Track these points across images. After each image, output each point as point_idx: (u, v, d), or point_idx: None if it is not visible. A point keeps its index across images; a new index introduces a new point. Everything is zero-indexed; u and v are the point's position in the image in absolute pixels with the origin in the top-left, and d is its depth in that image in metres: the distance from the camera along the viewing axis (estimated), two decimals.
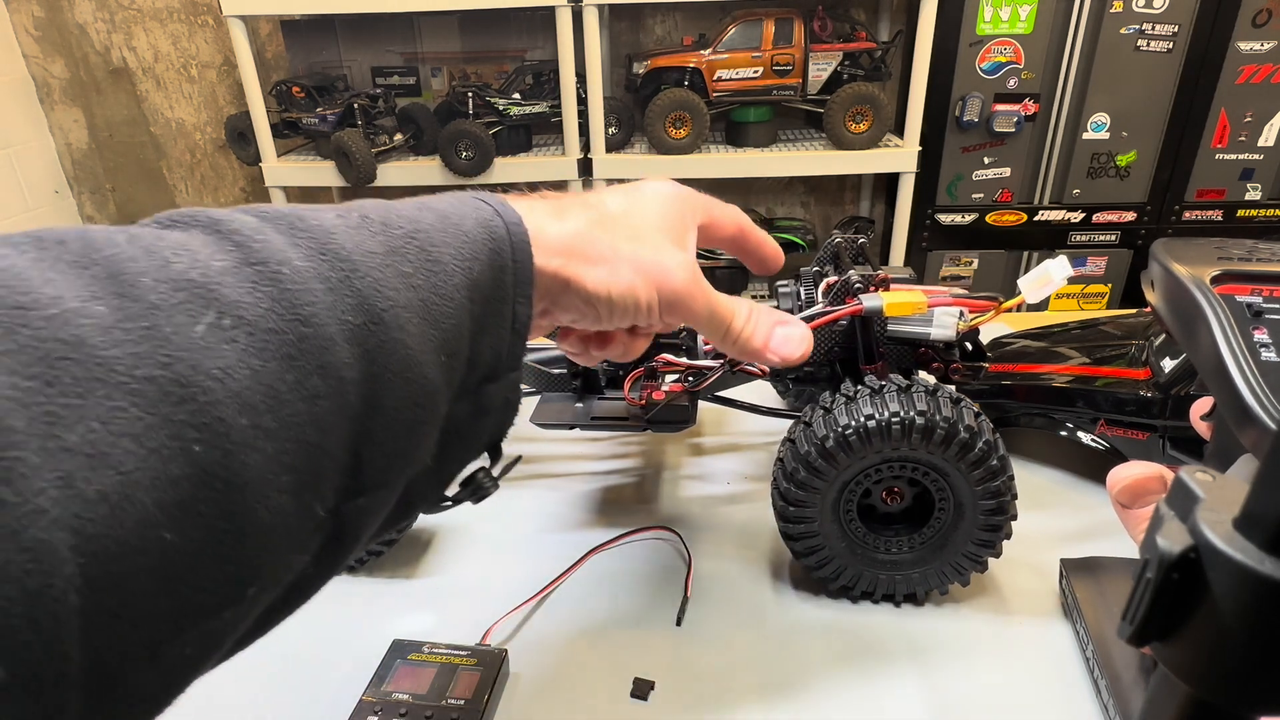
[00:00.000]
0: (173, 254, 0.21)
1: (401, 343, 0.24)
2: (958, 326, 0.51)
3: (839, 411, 0.46)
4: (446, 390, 0.27)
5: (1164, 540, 0.17)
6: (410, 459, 0.27)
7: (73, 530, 0.17)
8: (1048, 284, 0.49)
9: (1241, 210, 1.87)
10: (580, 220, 0.34)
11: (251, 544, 0.21)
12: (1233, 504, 0.16)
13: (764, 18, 1.76)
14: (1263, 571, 0.15)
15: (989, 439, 0.45)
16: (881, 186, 2.21)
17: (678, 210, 0.37)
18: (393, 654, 0.46)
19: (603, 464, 0.68)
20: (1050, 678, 0.46)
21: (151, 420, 0.18)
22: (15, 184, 2.22)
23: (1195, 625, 0.17)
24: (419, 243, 0.27)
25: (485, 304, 0.29)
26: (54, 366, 0.17)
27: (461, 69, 2.08)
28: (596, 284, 0.33)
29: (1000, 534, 0.48)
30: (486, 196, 0.31)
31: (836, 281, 0.52)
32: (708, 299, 0.36)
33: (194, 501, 0.19)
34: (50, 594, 0.16)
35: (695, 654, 0.49)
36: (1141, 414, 0.56)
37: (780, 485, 0.48)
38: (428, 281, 0.26)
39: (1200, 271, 0.38)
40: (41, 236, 0.20)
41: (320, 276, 0.23)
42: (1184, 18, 1.70)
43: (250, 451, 0.20)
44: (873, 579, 0.50)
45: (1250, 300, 0.36)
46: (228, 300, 0.21)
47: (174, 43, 2.20)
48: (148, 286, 0.20)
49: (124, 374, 0.18)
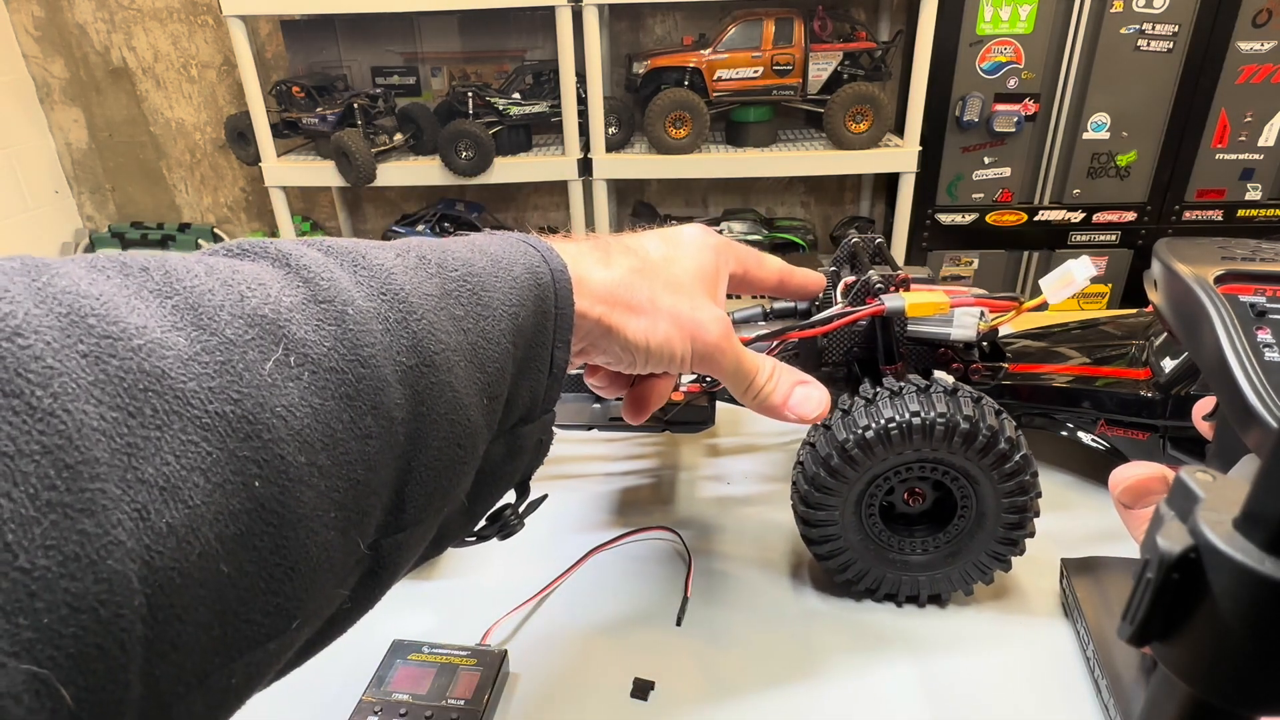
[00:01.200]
0: (248, 288, 0.22)
1: (450, 385, 0.25)
2: (978, 327, 0.51)
3: (858, 413, 0.46)
4: (486, 431, 0.28)
5: (1164, 540, 0.17)
6: (448, 497, 0.27)
7: (143, 562, 0.17)
8: (1070, 284, 0.49)
9: (1242, 210, 1.87)
10: (623, 268, 0.35)
11: (299, 578, 0.21)
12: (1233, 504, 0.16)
13: (764, 17, 1.76)
14: (1263, 571, 0.15)
15: (1011, 436, 0.45)
16: (881, 186, 2.21)
17: (713, 261, 0.39)
18: (393, 654, 0.46)
19: (607, 465, 0.68)
20: (1050, 678, 0.46)
21: (219, 455, 0.19)
22: (15, 184, 2.22)
23: (1195, 625, 0.17)
24: (471, 286, 0.28)
25: (527, 348, 0.29)
26: (138, 398, 0.18)
27: (461, 69, 2.08)
28: (636, 334, 0.34)
29: (1024, 531, 0.48)
30: (535, 241, 0.32)
31: (855, 281, 0.51)
32: (736, 354, 0.38)
33: (250, 536, 0.19)
34: (120, 624, 0.16)
35: (695, 654, 0.49)
36: (1142, 414, 0.56)
37: (801, 489, 0.48)
38: (477, 325, 0.27)
39: (1203, 271, 0.37)
40: (126, 262, 0.21)
41: (380, 317, 0.24)
42: (1184, 18, 1.70)
43: (305, 488, 0.21)
44: (896, 581, 0.50)
45: (1254, 300, 0.36)
46: (295, 338, 0.21)
47: (174, 43, 2.20)
48: (225, 321, 0.20)
49: (199, 408, 0.19)
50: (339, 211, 2.32)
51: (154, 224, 2.39)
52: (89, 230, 2.41)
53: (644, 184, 2.20)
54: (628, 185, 2.20)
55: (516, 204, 2.29)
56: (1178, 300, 0.38)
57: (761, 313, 0.60)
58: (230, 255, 0.24)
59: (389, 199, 2.34)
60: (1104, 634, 0.46)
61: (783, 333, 0.52)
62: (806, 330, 0.51)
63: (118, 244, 2.33)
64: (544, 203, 2.30)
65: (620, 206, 2.22)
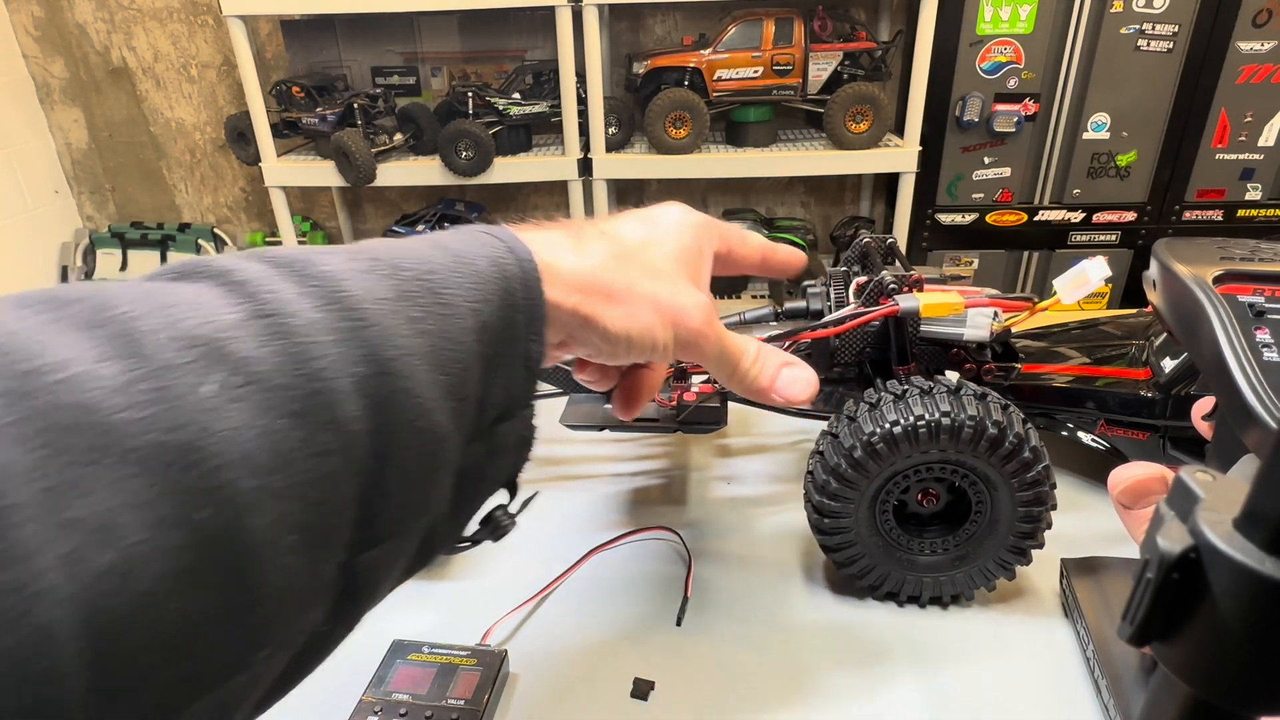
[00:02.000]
0: (183, 311, 0.21)
1: (410, 391, 0.24)
2: (991, 327, 0.51)
3: (886, 408, 0.46)
4: (457, 435, 0.27)
5: (1164, 540, 0.17)
6: (425, 507, 0.26)
7: (81, 605, 0.16)
8: (1084, 285, 0.49)
9: (1241, 210, 1.87)
10: (598, 253, 0.33)
11: (261, 607, 0.20)
12: (1233, 504, 0.16)
13: (764, 17, 1.76)
14: (1263, 571, 0.15)
15: (1035, 446, 0.45)
16: (881, 186, 2.21)
17: (695, 241, 0.38)
18: (393, 654, 0.46)
19: (616, 465, 0.68)
20: (1050, 677, 0.46)
21: (160, 487, 0.18)
22: (15, 184, 2.22)
23: (1195, 625, 0.17)
24: (430, 285, 0.26)
25: (496, 344, 0.28)
26: (63, 434, 0.17)
27: (461, 69, 2.08)
28: (614, 323, 0.33)
29: (1035, 541, 0.48)
30: (499, 231, 0.31)
31: (868, 281, 0.51)
32: (719, 339, 0.37)
33: (202, 569, 0.19)
34: (55, 676, 0.16)
35: (695, 654, 0.49)
36: (1142, 414, 0.56)
37: (818, 479, 0.48)
38: (438, 326, 0.26)
39: (1202, 271, 0.37)
40: (58, 296, 0.20)
41: (329, 328, 0.23)
42: (1184, 18, 1.70)
43: (258, 514, 0.20)
44: (900, 580, 0.50)
45: (1253, 300, 0.36)
46: (237, 357, 0.20)
47: (174, 43, 2.20)
48: (159, 346, 0.20)
49: (133, 439, 0.18)
50: (339, 211, 2.32)
51: (154, 224, 2.39)
52: (89, 230, 2.41)
53: (644, 184, 2.20)
54: (628, 185, 2.20)
55: (516, 204, 2.29)
56: (1176, 300, 0.38)
57: (773, 313, 0.60)
58: (170, 278, 0.23)
59: (389, 199, 2.34)
60: (1104, 634, 0.46)
61: (796, 333, 0.52)
62: (820, 331, 0.51)
63: (118, 244, 2.33)
64: (544, 203, 2.30)
65: (620, 206, 2.22)
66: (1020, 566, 0.49)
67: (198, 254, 2.32)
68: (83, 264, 2.35)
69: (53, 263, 2.34)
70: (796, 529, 0.58)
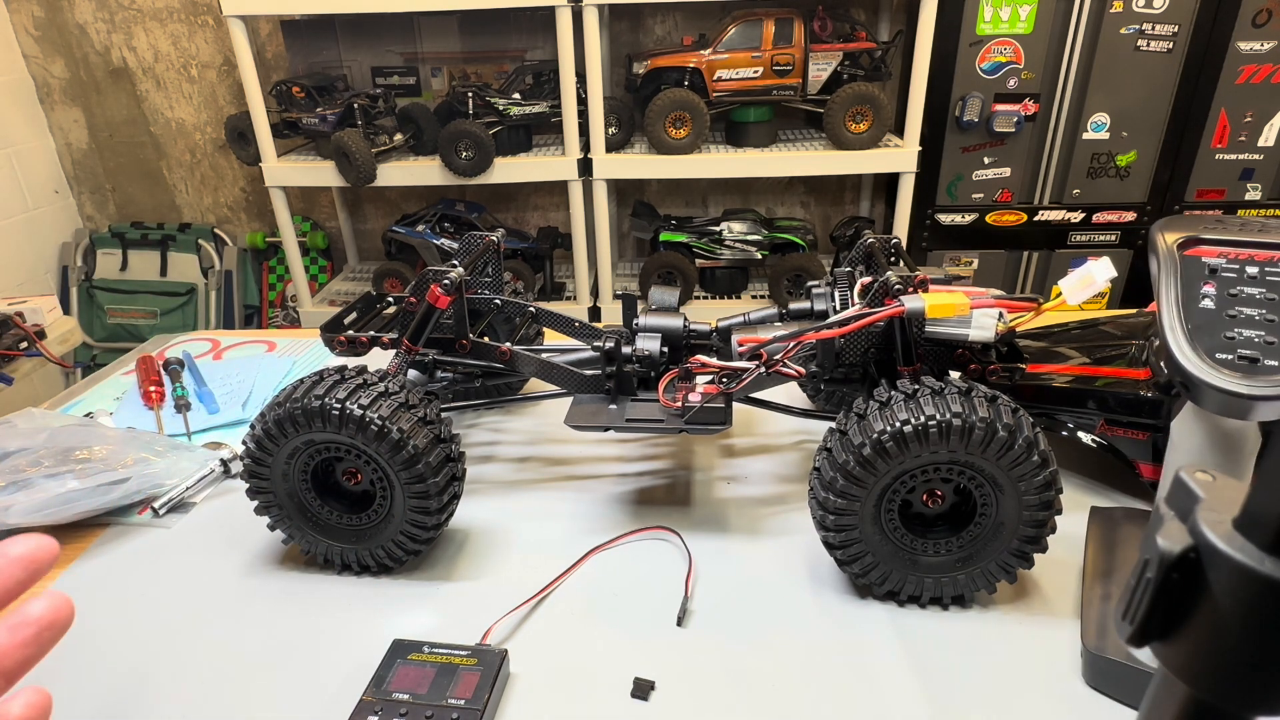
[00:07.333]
0: None
1: None
2: (997, 328, 0.51)
3: (873, 417, 0.46)
4: None
5: (1164, 540, 0.17)
6: None
7: None
8: (1090, 285, 0.49)
9: (1241, 210, 1.87)
10: None
11: None
12: (1233, 504, 0.16)
13: (764, 18, 1.76)
14: (1263, 571, 0.15)
15: (1044, 450, 0.45)
16: (881, 186, 2.21)
17: None
18: (393, 654, 0.46)
19: (620, 465, 0.68)
20: (1050, 678, 0.46)
21: None
22: (15, 184, 2.22)
23: (1195, 625, 0.17)
24: None
25: None
26: None
27: (461, 69, 2.08)
28: None
29: (1039, 545, 0.48)
30: None
31: (873, 282, 0.51)
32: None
33: None
34: None
35: (695, 654, 0.48)
36: (1142, 414, 0.56)
37: (826, 476, 0.48)
38: None
39: (1172, 237, 0.42)
40: None
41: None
42: (1184, 18, 1.70)
43: None
44: (902, 579, 0.50)
45: (1214, 262, 0.40)
46: None
47: (174, 43, 2.20)
48: None
49: None
50: (339, 211, 2.32)
51: (154, 224, 2.39)
52: (89, 230, 2.41)
53: (644, 184, 2.20)
54: (628, 185, 2.20)
55: (516, 204, 2.29)
56: (1156, 267, 0.42)
57: (778, 314, 0.60)
58: None
59: (389, 199, 2.34)
60: (1099, 567, 0.50)
61: (801, 334, 0.52)
62: (825, 331, 0.51)
63: (118, 244, 2.33)
64: (544, 203, 2.30)
65: (620, 206, 2.21)
66: (1021, 569, 0.49)
67: (198, 254, 2.32)
68: (83, 264, 2.35)
69: (53, 263, 2.34)
70: (798, 528, 0.58)
